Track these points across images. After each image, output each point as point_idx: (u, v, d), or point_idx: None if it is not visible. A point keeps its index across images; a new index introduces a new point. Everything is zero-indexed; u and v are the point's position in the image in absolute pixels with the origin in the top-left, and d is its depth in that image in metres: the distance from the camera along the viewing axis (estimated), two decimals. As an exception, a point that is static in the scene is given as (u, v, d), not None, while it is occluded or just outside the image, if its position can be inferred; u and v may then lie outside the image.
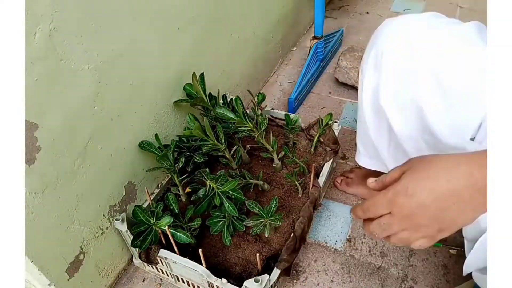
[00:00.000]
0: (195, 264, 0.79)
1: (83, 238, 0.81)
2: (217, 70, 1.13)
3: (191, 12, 0.94)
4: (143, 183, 0.94)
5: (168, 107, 0.95)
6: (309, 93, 1.46)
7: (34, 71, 0.60)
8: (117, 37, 0.74)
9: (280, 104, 1.42)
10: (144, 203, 0.93)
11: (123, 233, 0.88)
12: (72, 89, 0.68)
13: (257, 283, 0.74)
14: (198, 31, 0.99)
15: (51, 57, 0.62)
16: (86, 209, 0.79)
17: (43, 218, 0.70)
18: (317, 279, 0.93)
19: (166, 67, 0.90)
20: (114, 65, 0.75)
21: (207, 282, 0.80)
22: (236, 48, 1.20)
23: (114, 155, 0.82)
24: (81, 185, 0.76)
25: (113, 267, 0.92)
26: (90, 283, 0.86)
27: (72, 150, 0.72)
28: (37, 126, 0.63)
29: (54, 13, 0.60)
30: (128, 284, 0.95)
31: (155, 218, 0.82)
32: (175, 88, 0.95)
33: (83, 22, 0.66)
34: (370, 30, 0.71)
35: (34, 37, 0.58)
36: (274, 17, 1.42)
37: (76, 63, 0.67)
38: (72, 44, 0.65)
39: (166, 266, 0.87)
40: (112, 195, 0.86)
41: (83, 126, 0.73)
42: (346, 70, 1.40)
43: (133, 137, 0.87)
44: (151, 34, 0.82)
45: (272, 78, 1.55)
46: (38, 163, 0.66)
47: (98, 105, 0.74)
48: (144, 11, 0.79)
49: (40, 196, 0.68)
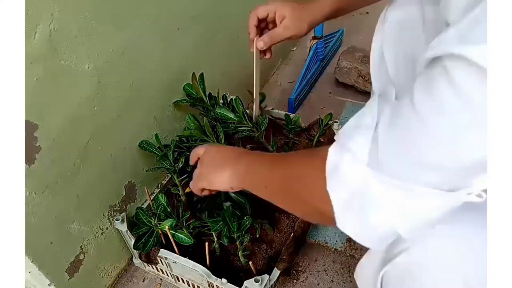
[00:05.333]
0: (195, 264, 0.79)
1: (83, 238, 0.81)
2: (217, 70, 1.13)
3: (191, 12, 0.94)
4: (143, 183, 0.94)
5: (168, 107, 0.95)
6: (309, 93, 1.46)
7: (34, 71, 0.60)
8: (117, 37, 0.74)
9: (280, 104, 1.42)
10: (144, 203, 0.93)
11: (123, 233, 0.88)
12: (72, 89, 0.68)
13: (257, 283, 0.74)
14: (198, 31, 0.99)
15: (51, 57, 0.62)
16: (86, 209, 0.79)
17: (43, 218, 0.70)
18: (317, 279, 0.93)
19: (166, 67, 0.90)
20: (114, 65, 0.75)
21: (207, 282, 0.80)
22: (236, 48, 1.20)
23: (114, 155, 0.82)
24: (81, 185, 0.76)
25: (113, 267, 0.92)
26: (90, 283, 0.86)
27: (72, 150, 0.72)
28: (37, 126, 0.63)
29: (54, 13, 0.60)
30: (128, 284, 0.95)
31: (156, 220, 0.82)
32: (175, 88, 0.95)
33: (83, 22, 0.66)
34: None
35: (34, 37, 0.58)
36: (274, 17, 1.42)
37: (76, 63, 0.67)
38: (72, 44, 0.65)
39: (166, 266, 0.87)
40: (112, 195, 0.86)
41: (83, 126, 0.73)
42: (346, 70, 1.40)
43: (133, 137, 0.87)
44: (151, 34, 0.82)
45: (272, 78, 1.54)
46: (38, 163, 0.66)
47: (98, 105, 0.74)
48: (144, 11, 0.79)
49: (40, 196, 0.68)
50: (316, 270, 0.94)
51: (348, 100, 1.42)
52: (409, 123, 0.36)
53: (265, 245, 0.87)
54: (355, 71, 1.38)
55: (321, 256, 0.97)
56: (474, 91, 0.31)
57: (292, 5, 0.72)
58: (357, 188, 0.40)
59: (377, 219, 0.40)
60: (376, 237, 0.43)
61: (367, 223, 0.41)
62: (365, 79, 1.35)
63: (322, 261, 0.96)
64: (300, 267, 0.95)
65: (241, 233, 0.78)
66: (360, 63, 1.37)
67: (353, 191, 0.41)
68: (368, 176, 0.39)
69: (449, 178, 0.37)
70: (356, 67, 1.38)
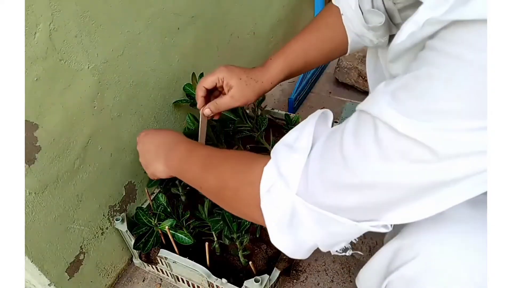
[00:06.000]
0: (195, 264, 0.79)
1: (83, 238, 0.81)
2: (217, 70, 1.13)
3: (191, 12, 0.94)
4: (143, 183, 0.94)
5: (168, 107, 0.95)
6: (309, 93, 1.46)
7: (34, 71, 0.60)
8: (117, 37, 0.74)
9: (280, 104, 1.42)
10: (144, 203, 0.93)
11: (123, 233, 0.88)
12: (72, 89, 0.68)
13: (257, 283, 0.74)
14: (198, 31, 0.99)
15: (51, 57, 0.62)
16: (86, 209, 0.79)
17: (43, 218, 0.70)
18: (317, 279, 0.93)
19: (166, 67, 0.90)
20: (114, 65, 0.75)
21: (207, 282, 0.80)
22: (236, 48, 1.20)
23: (114, 155, 0.82)
24: (81, 185, 0.76)
25: (113, 267, 0.92)
26: (90, 283, 0.86)
27: (72, 150, 0.72)
28: (37, 126, 0.63)
29: (54, 13, 0.60)
30: (128, 284, 0.95)
31: (156, 220, 0.82)
32: (175, 88, 0.95)
33: (83, 22, 0.66)
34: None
35: (34, 37, 0.58)
36: (274, 17, 1.42)
37: (76, 63, 0.67)
38: (72, 44, 0.65)
39: (166, 266, 0.87)
40: (112, 195, 0.86)
41: (83, 126, 0.73)
42: (346, 70, 1.40)
43: (133, 137, 0.86)
44: (151, 34, 0.82)
45: (272, 78, 1.54)
46: (38, 163, 0.66)
47: (98, 105, 0.74)
48: (144, 11, 0.79)
49: (40, 196, 0.68)
50: (316, 270, 0.94)
51: (348, 100, 1.42)
52: (336, 161, 0.41)
53: (265, 245, 0.87)
54: (355, 71, 1.38)
55: (321, 256, 0.97)
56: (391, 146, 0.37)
57: (240, 75, 0.73)
58: (287, 211, 0.46)
59: (304, 236, 0.47)
60: (305, 250, 0.49)
61: (297, 239, 0.47)
62: (365, 79, 1.35)
63: (322, 261, 0.96)
64: (300, 267, 0.95)
65: (241, 233, 0.78)
66: (360, 63, 1.37)
67: (283, 213, 0.46)
68: (297, 203, 0.45)
69: (363, 213, 0.43)
70: (356, 67, 1.38)
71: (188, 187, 0.93)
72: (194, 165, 0.62)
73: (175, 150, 0.67)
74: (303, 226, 0.46)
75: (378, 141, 0.37)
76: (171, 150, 0.68)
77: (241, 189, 0.52)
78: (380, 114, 0.37)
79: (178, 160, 0.66)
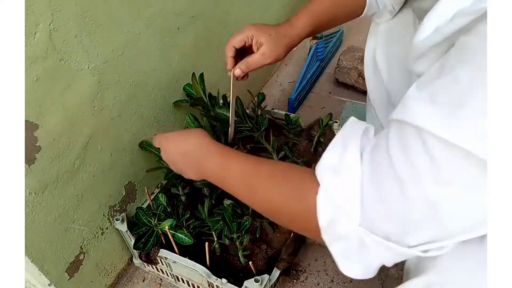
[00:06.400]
0: (195, 264, 0.79)
1: (83, 238, 0.81)
2: (217, 70, 1.13)
3: (191, 12, 0.94)
4: (143, 183, 0.94)
5: (168, 107, 0.95)
6: (309, 93, 1.46)
7: (34, 71, 0.60)
8: (117, 37, 0.74)
9: (280, 104, 1.42)
10: (144, 203, 0.94)
11: (123, 233, 0.88)
12: (72, 89, 0.68)
13: (257, 283, 0.74)
14: (198, 31, 0.99)
15: (51, 57, 0.62)
16: (86, 209, 0.79)
17: (43, 218, 0.70)
18: (317, 279, 0.93)
19: (166, 67, 0.90)
20: (114, 65, 0.75)
21: (207, 282, 0.80)
22: (236, 48, 1.20)
23: (114, 155, 0.82)
24: (81, 185, 0.76)
25: (113, 267, 0.92)
26: (90, 283, 0.86)
27: (72, 150, 0.72)
28: (37, 126, 0.63)
29: (54, 13, 0.60)
30: (128, 284, 0.95)
31: (156, 220, 0.82)
32: (175, 88, 0.95)
33: (83, 22, 0.66)
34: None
35: (34, 37, 0.58)
36: (274, 17, 1.42)
37: (76, 63, 0.67)
38: (72, 44, 0.65)
39: (166, 266, 0.87)
40: (112, 195, 0.86)
41: (83, 126, 0.73)
42: (346, 70, 1.40)
43: (133, 137, 0.86)
44: (151, 34, 0.82)
45: (272, 78, 1.54)
46: (38, 163, 0.66)
47: (98, 105, 0.74)
48: (144, 11, 0.79)
49: (40, 196, 0.68)
50: (316, 270, 0.94)
51: (348, 100, 1.42)
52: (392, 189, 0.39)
53: (265, 245, 0.87)
54: (355, 71, 1.38)
55: (321, 256, 0.97)
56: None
57: (269, 31, 0.71)
58: (353, 243, 0.44)
59: (373, 261, 0.45)
60: (374, 271, 0.48)
61: (365, 264, 0.46)
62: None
63: (322, 261, 0.96)
64: (300, 267, 0.95)
65: (241, 233, 0.78)
66: (360, 63, 1.37)
67: (349, 245, 0.45)
68: (362, 234, 0.43)
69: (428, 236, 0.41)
70: (356, 67, 1.38)
71: (189, 186, 0.93)
72: (234, 186, 0.59)
73: (206, 162, 0.62)
74: (370, 254, 0.44)
75: (430, 157, 0.35)
76: (201, 163, 0.63)
77: (297, 218, 0.50)
78: (423, 124, 0.34)
79: (215, 177, 0.62)
